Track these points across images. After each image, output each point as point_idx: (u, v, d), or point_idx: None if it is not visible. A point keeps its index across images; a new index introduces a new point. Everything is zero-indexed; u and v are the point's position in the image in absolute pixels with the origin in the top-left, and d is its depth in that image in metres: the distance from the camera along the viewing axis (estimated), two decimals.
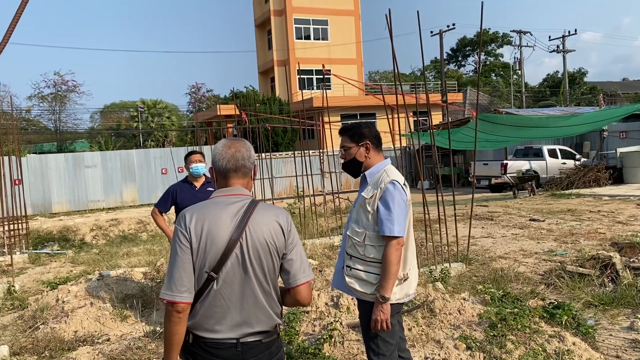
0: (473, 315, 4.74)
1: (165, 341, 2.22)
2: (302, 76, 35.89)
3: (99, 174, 20.56)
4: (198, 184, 5.58)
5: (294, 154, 12.90)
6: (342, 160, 3.34)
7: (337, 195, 12.32)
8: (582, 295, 5.79)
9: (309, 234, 10.10)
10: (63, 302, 6.12)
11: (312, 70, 36.21)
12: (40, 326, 5.68)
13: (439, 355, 4.19)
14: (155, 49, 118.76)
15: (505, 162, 19.78)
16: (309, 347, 4.13)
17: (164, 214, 5.60)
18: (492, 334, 4.41)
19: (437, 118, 31.28)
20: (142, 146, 38.98)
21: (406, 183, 3.19)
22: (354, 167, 3.25)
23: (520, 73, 43.44)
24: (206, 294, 2.20)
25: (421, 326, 4.62)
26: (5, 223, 10.97)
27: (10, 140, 12.24)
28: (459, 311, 4.84)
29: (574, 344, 4.36)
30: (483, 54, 70.38)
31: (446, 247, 7.51)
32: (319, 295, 4.76)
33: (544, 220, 10.74)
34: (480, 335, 4.45)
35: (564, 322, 4.72)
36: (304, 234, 10.04)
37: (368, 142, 3.19)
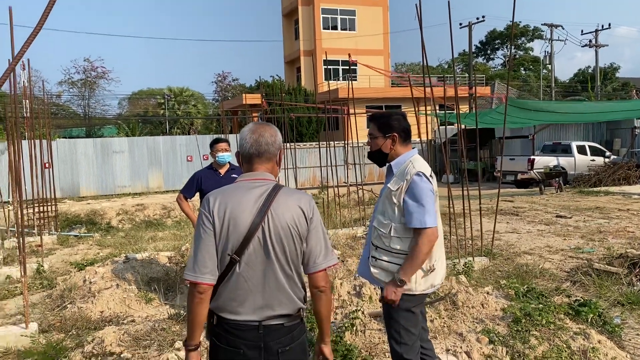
0: (496, 310, 4.70)
1: (188, 321, 2.26)
2: (328, 67, 35.78)
3: (126, 159, 20.87)
4: (223, 171, 5.62)
5: (318, 144, 12.87)
6: (368, 148, 3.31)
7: (360, 186, 12.29)
8: (609, 293, 5.70)
9: (332, 225, 10.11)
10: (90, 283, 6.25)
11: (339, 60, 36.07)
12: (67, 305, 5.81)
13: (461, 347, 4.17)
14: (183, 37, 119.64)
15: (532, 157, 19.48)
16: (330, 334, 4.13)
17: (188, 200, 5.65)
18: (515, 328, 4.36)
19: (464, 110, 30.94)
20: (168, 133, 39.42)
21: (432, 174, 3.15)
22: (379, 158, 3.23)
23: (550, 67, 42.66)
24: (229, 276, 2.23)
25: (443, 318, 4.60)
26: (35, 205, 11.24)
27: (41, 124, 12.49)
28: (482, 305, 4.80)
29: (599, 342, 4.29)
30: (513, 47, 69.30)
31: (470, 241, 7.45)
32: (341, 284, 4.77)
33: (570, 217, 10.57)
34: (503, 329, 4.41)
35: (589, 320, 4.65)
36: (328, 225, 10.05)
37: (395, 134, 3.14)
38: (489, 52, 71.35)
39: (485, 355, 4.11)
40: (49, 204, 11.58)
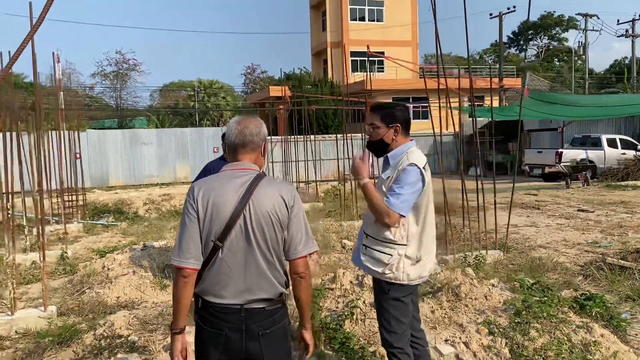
0: (500, 302, 4.72)
1: (173, 304, 2.38)
2: (355, 58, 35.67)
3: (154, 150, 21.29)
4: None
5: (335, 136, 12.92)
6: (367, 137, 3.36)
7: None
8: (620, 288, 5.64)
9: (349, 217, 10.18)
10: (108, 269, 6.49)
11: (366, 52, 35.92)
12: (86, 290, 6.05)
13: (460, 338, 4.21)
14: (213, 30, 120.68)
15: (560, 150, 19.12)
16: (330, 322, 4.24)
17: None
18: (516, 320, 4.38)
19: (494, 103, 30.52)
20: (198, 125, 39.95)
21: (427, 167, 3.18)
22: (379, 148, 3.25)
23: (584, 58, 41.60)
24: (213, 261, 2.33)
25: (445, 309, 4.64)
26: (65, 194, 11.65)
27: (75, 116, 12.87)
28: (486, 297, 4.82)
29: (602, 335, 4.27)
30: (546, 38, 67.76)
31: (484, 235, 7.43)
32: (344, 273, 4.86)
33: (593, 211, 10.40)
34: (504, 321, 4.43)
35: (593, 314, 4.62)
36: (344, 216, 10.13)
37: (398, 125, 3.18)
38: (521, 42, 69.92)
39: (484, 346, 4.14)
40: (78, 193, 11.95)
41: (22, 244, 8.46)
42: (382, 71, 35.76)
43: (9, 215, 6.16)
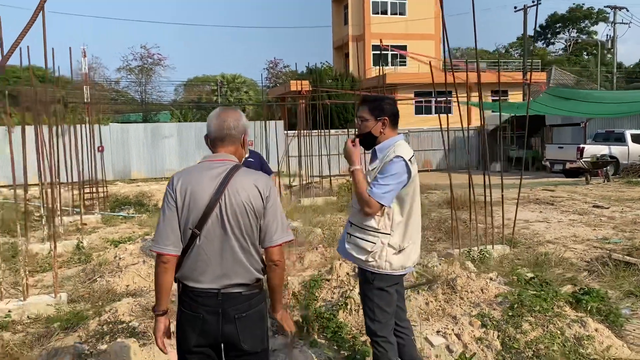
0: (496, 296, 4.75)
1: (155, 288, 2.51)
2: (376, 52, 35.52)
3: (175, 144, 21.63)
4: None
5: (354, 131, 12.95)
6: (356, 130, 3.43)
7: None
8: (624, 284, 5.62)
9: None
10: (119, 258, 6.69)
11: (388, 45, 35.70)
12: (97, 279, 6.26)
13: (452, 330, 4.27)
14: (236, 24, 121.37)
15: (581, 146, 18.83)
16: (325, 312, 4.34)
17: None
18: (509, 313, 4.42)
19: (517, 98, 30.11)
20: None
21: (412, 159, 3.24)
22: (368, 141, 3.32)
23: (613, 52, 40.69)
24: (191, 248, 2.45)
25: (440, 302, 4.70)
26: (86, 186, 12.00)
27: (100, 109, 13.18)
28: (482, 290, 4.86)
29: (596, 330, 4.29)
30: (575, 31, 66.40)
31: (491, 230, 7.42)
32: (340, 265, 4.95)
33: (608, 208, 10.27)
34: (499, 314, 4.47)
35: (589, 309, 4.63)
36: None
37: (386, 118, 3.25)
38: (549, 36, 68.64)
39: (476, 338, 4.20)
40: (99, 185, 12.27)
41: (40, 234, 8.77)
42: (404, 65, 35.56)
43: (25, 206, 6.40)
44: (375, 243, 3.17)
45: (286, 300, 4.64)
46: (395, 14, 37.11)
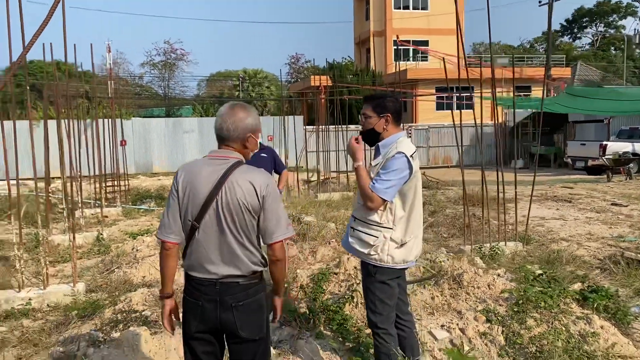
0: (502, 291, 4.79)
1: (160, 273, 2.69)
2: (398, 47, 35.36)
3: (196, 138, 21.90)
4: None
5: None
6: (360, 127, 3.51)
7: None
8: (635, 282, 5.59)
9: None
10: (137, 250, 6.88)
11: (409, 40, 35.52)
12: (115, 270, 6.45)
13: (457, 324, 4.33)
14: (258, 20, 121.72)
15: (604, 143, 18.55)
16: (331, 305, 4.43)
17: None
18: (514, 309, 4.45)
19: (540, 94, 29.73)
20: None
21: (414, 156, 3.30)
22: (371, 137, 3.40)
23: None
24: (192, 240, 2.58)
25: (445, 296, 4.75)
26: (108, 179, 12.28)
27: (124, 104, 13.46)
28: (489, 286, 4.90)
29: (601, 327, 4.30)
30: (602, 25, 65.11)
31: (507, 227, 7.42)
32: (348, 259, 5.03)
33: (626, 206, 10.15)
34: (504, 310, 4.51)
35: (596, 306, 4.63)
36: None
37: (389, 115, 3.32)
38: (575, 30, 67.41)
39: (480, 333, 4.25)
40: (121, 179, 12.53)
41: (63, 226, 9.03)
42: (426, 60, 35.34)
43: (47, 199, 6.61)
44: (377, 237, 3.25)
45: (295, 292, 4.75)
46: (417, 8, 36.86)
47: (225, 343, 2.70)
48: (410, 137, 25.31)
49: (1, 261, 6.51)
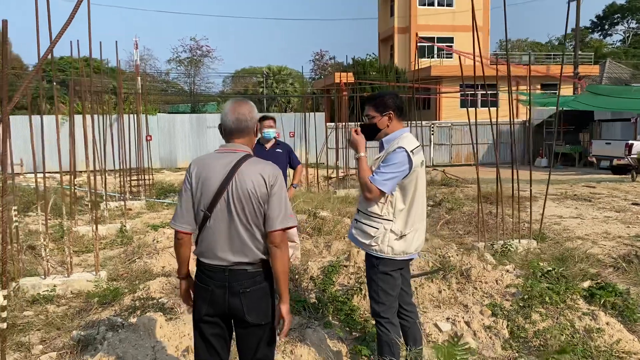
0: (507, 286, 4.86)
1: (176, 258, 2.88)
2: (422, 44, 35.16)
3: (219, 134, 22.21)
4: (268, 146, 6.13)
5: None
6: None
7: (434, 167, 12.31)
8: None
9: None
10: (157, 241, 7.11)
11: (434, 37, 35.33)
12: (136, 260, 6.69)
13: (463, 317, 4.42)
14: (283, 17, 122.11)
15: (630, 142, 18.24)
16: (340, 296, 4.57)
17: None
18: (520, 304, 4.53)
19: (567, 91, 29.27)
20: (266, 111, 40.89)
21: (415, 151, 3.40)
22: (370, 131, 3.51)
23: None
24: (204, 228, 2.73)
25: (453, 290, 4.84)
26: (134, 173, 12.62)
27: (151, 100, 13.80)
28: (497, 281, 4.97)
29: (607, 323, 4.35)
30: (634, 22, 63.65)
31: (524, 224, 7.46)
32: (358, 252, 5.15)
33: None
34: (511, 305, 4.58)
35: (603, 303, 4.68)
36: None
37: (391, 112, 3.45)
38: (606, 27, 66.02)
39: (485, 326, 4.34)
40: (146, 173, 12.86)
41: (88, 217, 9.35)
42: (450, 57, 35.10)
43: (71, 191, 6.88)
44: (378, 229, 3.37)
45: (305, 284, 4.90)
46: (442, 5, 36.61)
47: (233, 327, 2.85)
48: (432, 134, 25.26)
49: (29, 250, 6.80)
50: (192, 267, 2.88)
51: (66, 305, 5.34)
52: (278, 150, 6.16)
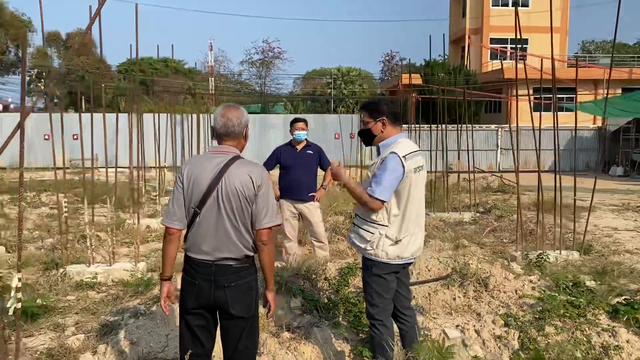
0: (520, 296, 4.75)
1: (162, 257, 3.06)
2: (494, 45, 34.19)
3: (281, 134, 22.62)
4: (299, 147, 6.30)
5: (459, 127, 12.81)
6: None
7: (496, 174, 11.92)
8: None
9: (440, 208, 10.28)
10: None
11: (507, 39, 34.24)
12: (177, 253, 7.04)
13: (473, 326, 4.38)
14: (354, 18, 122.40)
15: None
16: (352, 297, 4.65)
17: (269, 172, 6.45)
18: (536, 316, 4.42)
19: None
20: (333, 112, 41.19)
21: (408, 156, 3.43)
22: (366, 137, 3.64)
23: None
24: (193, 225, 2.93)
25: (468, 298, 4.79)
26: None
27: (221, 100, 14.40)
28: (516, 291, 4.87)
29: (627, 341, 4.19)
30: None
31: (560, 234, 7.18)
32: None
33: None
34: (527, 316, 4.48)
35: (626, 319, 4.47)
36: (433, 208, 10.23)
37: (385, 118, 3.55)
38: None
39: (495, 336, 4.29)
40: None
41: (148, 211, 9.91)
42: (525, 59, 33.88)
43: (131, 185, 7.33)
44: (373, 233, 3.46)
45: (320, 284, 5.01)
46: (517, 5, 35.35)
47: (218, 319, 3.03)
48: (500, 138, 24.49)
49: (82, 239, 7.33)
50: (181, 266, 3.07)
51: (105, 292, 5.74)
52: (309, 151, 6.31)
